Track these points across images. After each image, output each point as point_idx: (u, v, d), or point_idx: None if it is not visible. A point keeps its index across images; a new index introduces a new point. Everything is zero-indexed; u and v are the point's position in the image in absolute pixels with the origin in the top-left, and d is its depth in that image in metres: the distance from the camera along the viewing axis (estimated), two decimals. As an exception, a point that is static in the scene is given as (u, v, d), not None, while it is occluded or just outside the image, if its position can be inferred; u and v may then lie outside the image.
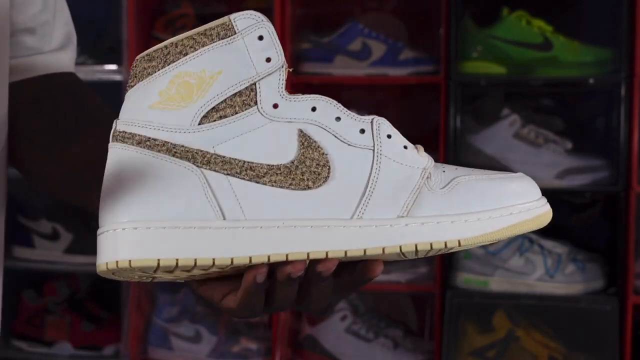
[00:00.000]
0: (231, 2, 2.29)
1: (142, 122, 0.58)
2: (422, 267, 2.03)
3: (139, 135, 0.58)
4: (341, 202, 0.58)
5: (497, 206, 0.60)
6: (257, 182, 0.58)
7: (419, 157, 0.62)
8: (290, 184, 0.58)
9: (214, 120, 0.58)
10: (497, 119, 2.00)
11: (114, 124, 0.59)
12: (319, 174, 0.58)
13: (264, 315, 0.63)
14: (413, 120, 2.22)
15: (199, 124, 0.58)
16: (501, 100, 2.07)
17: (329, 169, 0.59)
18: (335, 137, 0.60)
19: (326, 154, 0.59)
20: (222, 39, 0.58)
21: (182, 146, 0.57)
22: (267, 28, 0.59)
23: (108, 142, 0.60)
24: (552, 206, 0.63)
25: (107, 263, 0.57)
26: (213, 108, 0.58)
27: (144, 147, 0.58)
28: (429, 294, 2.01)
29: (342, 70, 2.07)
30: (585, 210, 2.10)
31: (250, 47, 0.59)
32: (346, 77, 2.08)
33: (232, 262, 0.57)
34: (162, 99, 0.58)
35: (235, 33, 0.58)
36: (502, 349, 1.94)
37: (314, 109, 0.60)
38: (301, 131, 0.59)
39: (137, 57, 0.60)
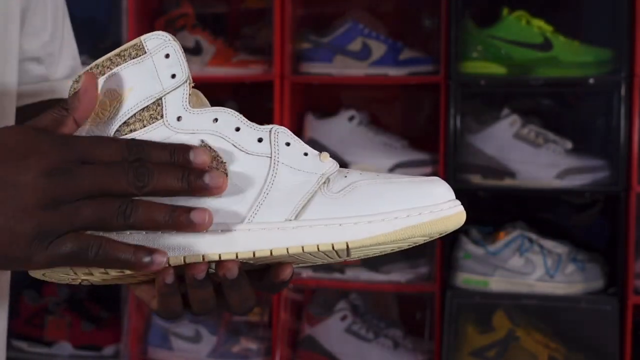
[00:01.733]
0: (231, 2, 2.29)
1: None
2: (422, 267, 2.03)
3: None
4: (234, 207, 0.61)
5: (392, 209, 0.60)
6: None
7: (320, 163, 0.63)
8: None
9: (125, 134, 0.62)
10: (497, 119, 2.00)
11: None
12: None
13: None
14: (413, 120, 2.22)
15: None
16: (501, 100, 2.07)
17: (225, 176, 0.61)
18: (234, 145, 0.62)
19: (224, 162, 0.62)
20: (134, 58, 0.63)
21: None
22: (173, 47, 0.63)
23: None
24: (552, 206, 0.63)
25: (43, 274, 0.63)
26: (124, 122, 0.62)
27: None
28: (429, 294, 2.01)
29: (342, 70, 2.07)
30: (585, 210, 2.10)
31: (158, 64, 0.63)
32: (346, 77, 2.08)
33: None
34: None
35: (145, 52, 0.63)
36: (502, 349, 1.94)
37: (215, 120, 0.63)
38: (202, 141, 0.62)
39: (72, 80, 0.65)
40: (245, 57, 2.11)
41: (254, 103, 2.07)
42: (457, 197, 0.62)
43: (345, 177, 0.63)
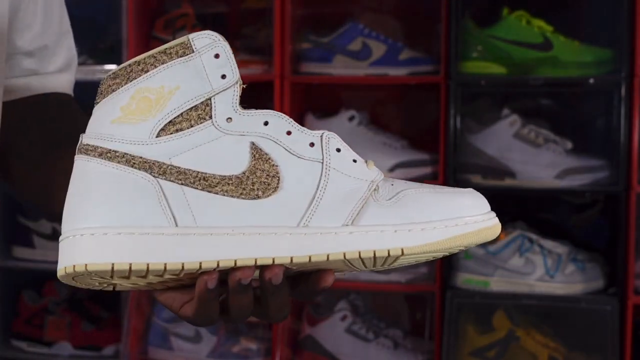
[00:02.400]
0: (231, 2, 2.29)
1: (105, 135, 0.62)
2: (422, 267, 2.03)
3: (100, 147, 0.61)
4: (288, 211, 0.61)
5: (442, 218, 0.62)
6: (210, 192, 0.61)
7: (368, 171, 0.64)
8: (241, 194, 0.61)
9: (171, 133, 0.61)
10: (497, 119, 2.00)
11: (80, 138, 0.63)
12: (268, 185, 0.61)
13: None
14: (413, 120, 2.22)
15: (157, 137, 0.61)
16: (501, 100, 2.07)
17: (278, 179, 0.61)
18: (286, 149, 0.62)
19: (276, 166, 0.62)
20: (181, 56, 0.62)
21: (140, 157, 0.61)
22: (223, 47, 0.62)
23: None
24: (552, 206, 0.64)
25: (65, 267, 0.60)
26: (170, 122, 0.61)
27: (105, 159, 0.61)
28: (429, 294, 2.01)
29: (341, 70, 2.07)
30: (585, 210, 2.10)
31: (207, 64, 0.62)
32: (346, 77, 2.08)
33: (182, 267, 0.59)
34: (124, 114, 0.62)
35: (193, 51, 0.62)
36: (502, 349, 1.94)
37: (266, 123, 0.63)
38: (253, 144, 0.62)
39: (105, 76, 0.63)
40: (245, 57, 2.11)
41: (254, 103, 2.07)
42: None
43: (392, 185, 0.64)
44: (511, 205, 2.11)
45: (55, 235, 2.19)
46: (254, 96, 0.65)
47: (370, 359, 2.04)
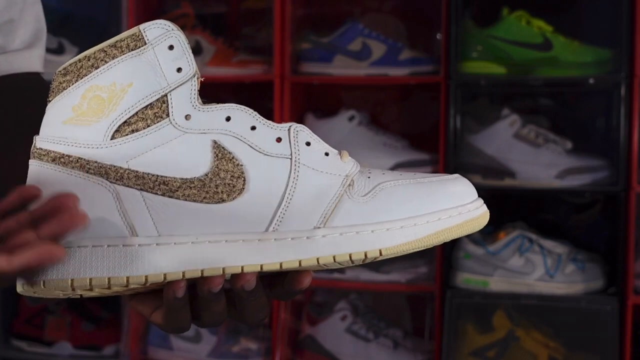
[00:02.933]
0: (231, 2, 2.29)
1: (57, 139, 0.57)
2: (422, 267, 2.03)
3: (53, 152, 0.57)
4: (256, 215, 0.57)
5: (422, 212, 0.58)
6: (171, 197, 0.56)
7: (342, 164, 0.59)
8: (204, 198, 0.57)
9: (126, 135, 0.57)
10: (497, 119, 2.00)
11: (34, 141, 0.59)
12: (233, 186, 0.57)
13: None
14: (413, 120, 2.22)
15: (112, 139, 0.57)
16: (501, 100, 2.07)
17: (244, 180, 0.57)
18: (251, 147, 0.58)
19: (241, 165, 0.57)
20: (133, 50, 0.57)
21: (95, 162, 0.57)
22: (177, 37, 0.58)
23: None
24: (552, 206, 0.63)
25: (22, 284, 0.57)
26: (125, 122, 0.57)
27: (58, 164, 0.57)
28: (429, 294, 2.01)
29: (342, 70, 2.07)
30: (585, 210, 2.10)
31: (161, 57, 0.57)
32: (346, 77, 2.08)
33: (146, 280, 0.56)
34: (75, 114, 0.57)
35: (145, 44, 0.57)
36: (502, 349, 1.94)
37: (228, 119, 0.58)
38: (215, 142, 0.58)
39: (56, 71, 0.59)
40: (245, 57, 2.11)
41: (254, 103, 2.07)
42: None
43: (369, 177, 0.60)
44: (511, 205, 2.11)
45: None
46: (254, 96, 0.64)
47: (370, 359, 2.04)
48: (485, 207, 0.60)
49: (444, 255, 1.97)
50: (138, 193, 0.56)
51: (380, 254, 0.57)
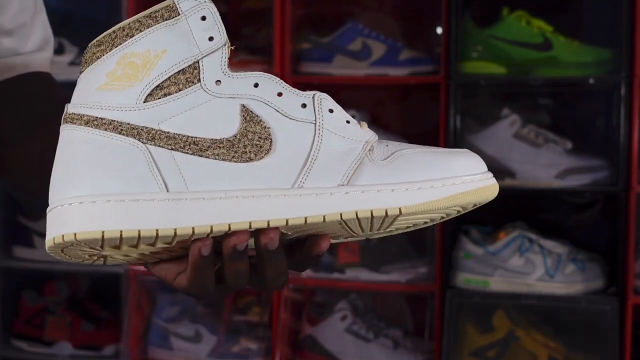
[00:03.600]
0: (231, 2, 2.29)
1: (90, 103, 0.60)
2: (422, 267, 2.03)
3: (87, 115, 0.60)
4: (282, 173, 0.60)
5: (439, 176, 0.61)
6: (200, 156, 0.59)
7: (362, 132, 0.64)
8: (233, 157, 0.60)
9: (159, 98, 0.60)
10: (497, 119, 2.00)
11: (65, 109, 0.61)
12: (260, 147, 0.60)
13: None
14: (413, 120, 2.22)
15: (144, 102, 0.60)
16: (501, 100, 2.07)
17: (270, 141, 0.60)
18: (277, 111, 0.61)
19: (268, 128, 0.60)
20: (167, 20, 0.60)
21: (128, 124, 0.59)
22: (209, 9, 0.61)
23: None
24: (552, 206, 0.64)
25: (54, 238, 0.58)
26: (157, 86, 0.60)
27: (91, 127, 0.59)
28: (429, 294, 2.01)
29: (341, 70, 2.07)
30: (585, 210, 2.10)
31: (194, 27, 0.60)
32: (346, 77, 2.08)
33: (175, 233, 0.58)
34: (109, 80, 0.60)
35: (179, 14, 0.60)
36: (502, 349, 1.94)
37: (256, 85, 0.61)
38: (244, 106, 0.61)
39: (89, 44, 0.62)
40: (245, 57, 2.11)
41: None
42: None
43: (387, 146, 0.64)
44: (511, 205, 2.11)
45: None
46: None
47: (370, 359, 2.04)
48: (494, 179, 0.64)
49: (444, 255, 1.97)
50: (169, 152, 0.59)
51: (400, 212, 0.60)
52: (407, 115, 2.23)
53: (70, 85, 0.65)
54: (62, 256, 0.61)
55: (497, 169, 1.96)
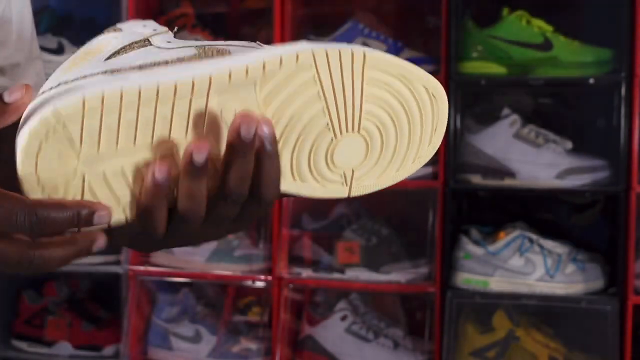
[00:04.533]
0: (231, 2, 2.29)
1: (62, 80, 0.59)
2: (422, 267, 2.03)
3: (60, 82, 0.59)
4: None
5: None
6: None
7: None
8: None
9: (116, 57, 0.60)
10: (497, 119, 2.00)
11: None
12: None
13: (190, 316, 0.61)
14: (413, 120, 2.22)
15: (105, 61, 0.59)
16: (501, 100, 2.08)
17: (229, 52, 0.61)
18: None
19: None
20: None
21: (92, 74, 0.59)
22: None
23: None
24: (552, 206, 0.63)
25: (40, 119, 0.55)
26: (115, 52, 0.60)
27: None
28: (429, 294, 2.01)
29: (342, 70, 2.06)
30: (585, 210, 2.10)
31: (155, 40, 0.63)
32: (346, 77, 2.07)
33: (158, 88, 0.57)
34: (74, 62, 0.61)
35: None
36: (502, 349, 1.94)
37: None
38: (201, 46, 0.61)
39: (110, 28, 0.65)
40: (245, 57, 2.10)
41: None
42: (458, 197, 0.62)
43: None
44: (511, 205, 2.11)
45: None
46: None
47: (370, 359, 2.04)
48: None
49: (444, 255, 1.97)
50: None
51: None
52: (407, 115, 2.23)
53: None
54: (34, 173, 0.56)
55: (497, 169, 1.96)
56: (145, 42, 0.62)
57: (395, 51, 2.05)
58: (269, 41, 2.06)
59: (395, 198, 2.04)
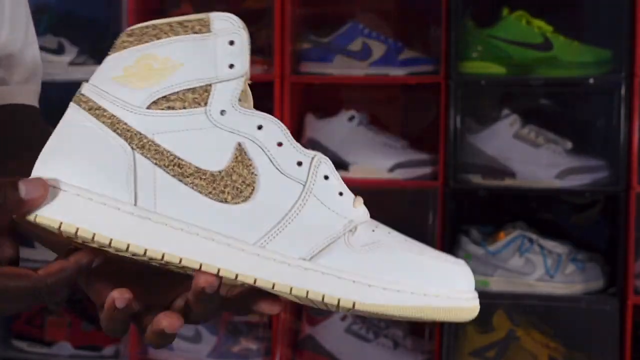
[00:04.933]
0: (231, 2, 2.29)
1: (100, 91, 0.60)
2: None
3: (92, 101, 0.59)
4: (250, 226, 0.57)
5: (414, 283, 0.57)
6: (180, 181, 0.58)
7: (351, 209, 0.59)
8: (210, 193, 0.58)
9: (162, 109, 0.58)
10: (497, 119, 2.00)
11: (81, 86, 0.61)
12: (240, 192, 0.58)
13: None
14: (413, 120, 2.22)
15: (147, 108, 0.58)
16: (501, 100, 2.07)
17: (252, 189, 0.58)
18: (271, 161, 0.58)
19: (255, 175, 0.58)
20: (196, 33, 0.59)
21: (125, 124, 0.58)
22: (241, 35, 0.59)
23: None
24: (552, 206, 0.62)
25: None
26: (164, 97, 0.59)
27: (92, 115, 0.59)
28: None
29: (342, 70, 2.07)
30: (585, 210, 2.10)
31: (219, 49, 0.59)
32: (346, 77, 2.08)
33: (127, 248, 0.57)
34: (125, 74, 0.59)
35: (209, 31, 0.59)
36: (502, 349, 1.94)
37: (259, 127, 0.59)
38: (239, 145, 0.58)
39: (124, 31, 0.61)
40: (245, 57, 2.10)
41: (254, 103, 2.07)
42: (458, 198, 0.61)
43: (373, 231, 0.59)
44: (511, 205, 2.11)
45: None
46: (254, 96, 0.64)
47: (370, 359, 2.04)
48: (477, 302, 0.58)
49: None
50: (152, 166, 0.58)
51: (353, 306, 0.56)
52: (407, 115, 2.23)
53: (70, 85, 0.65)
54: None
55: (497, 169, 1.96)
56: (203, 96, 0.58)
57: (395, 51, 2.05)
58: (269, 41, 2.06)
59: (395, 198, 2.04)
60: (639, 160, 1.85)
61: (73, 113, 0.60)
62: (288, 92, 2.04)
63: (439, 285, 0.57)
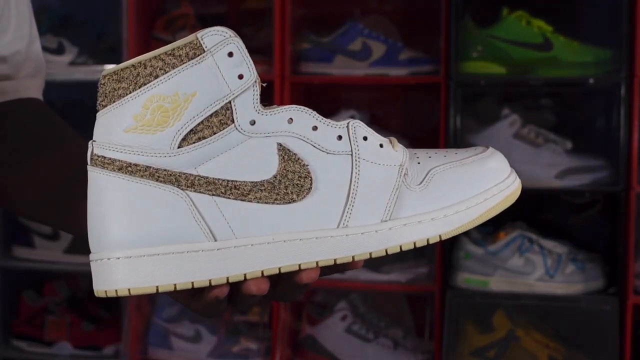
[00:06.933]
0: (231, 2, 2.29)
1: (120, 147, 0.58)
2: (422, 267, 2.03)
3: (119, 160, 0.58)
4: (326, 212, 0.59)
5: (472, 194, 0.62)
6: (243, 200, 0.58)
7: (395, 153, 0.63)
8: (275, 199, 0.59)
9: (193, 142, 0.58)
10: (497, 119, 2.00)
11: (89, 146, 0.59)
12: (301, 186, 0.59)
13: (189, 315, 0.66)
14: (413, 120, 2.22)
15: (179, 147, 0.58)
16: (501, 100, 2.08)
17: (310, 180, 0.59)
18: (314, 146, 0.60)
19: (307, 165, 0.59)
20: (192, 58, 0.58)
21: (165, 170, 0.58)
22: (235, 43, 0.59)
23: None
24: (552, 206, 0.65)
25: (106, 291, 0.58)
26: (191, 130, 0.58)
27: (125, 173, 0.58)
28: (429, 294, 2.01)
29: (342, 70, 2.07)
30: (585, 210, 2.10)
31: (221, 64, 0.58)
32: (346, 77, 2.08)
33: (227, 280, 0.58)
34: (138, 124, 0.58)
35: (204, 51, 0.58)
36: (502, 349, 1.94)
37: (290, 120, 0.60)
38: (280, 145, 0.59)
39: (104, 73, 0.58)
40: (245, 57, 2.10)
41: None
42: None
43: (419, 163, 0.63)
44: (511, 205, 2.11)
45: (55, 235, 2.19)
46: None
47: (370, 359, 2.04)
48: (519, 180, 0.65)
49: (444, 256, 1.97)
50: (210, 198, 0.58)
51: (440, 239, 0.61)
52: (407, 115, 2.23)
53: (70, 85, 0.64)
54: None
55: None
56: (227, 115, 0.59)
57: (395, 51, 2.05)
58: (269, 41, 2.07)
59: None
60: (639, 160, 1.85)
61: (101, 178, 0.58)
62: (288, 92, 2.04)
63: (490, 183, 0.63)
